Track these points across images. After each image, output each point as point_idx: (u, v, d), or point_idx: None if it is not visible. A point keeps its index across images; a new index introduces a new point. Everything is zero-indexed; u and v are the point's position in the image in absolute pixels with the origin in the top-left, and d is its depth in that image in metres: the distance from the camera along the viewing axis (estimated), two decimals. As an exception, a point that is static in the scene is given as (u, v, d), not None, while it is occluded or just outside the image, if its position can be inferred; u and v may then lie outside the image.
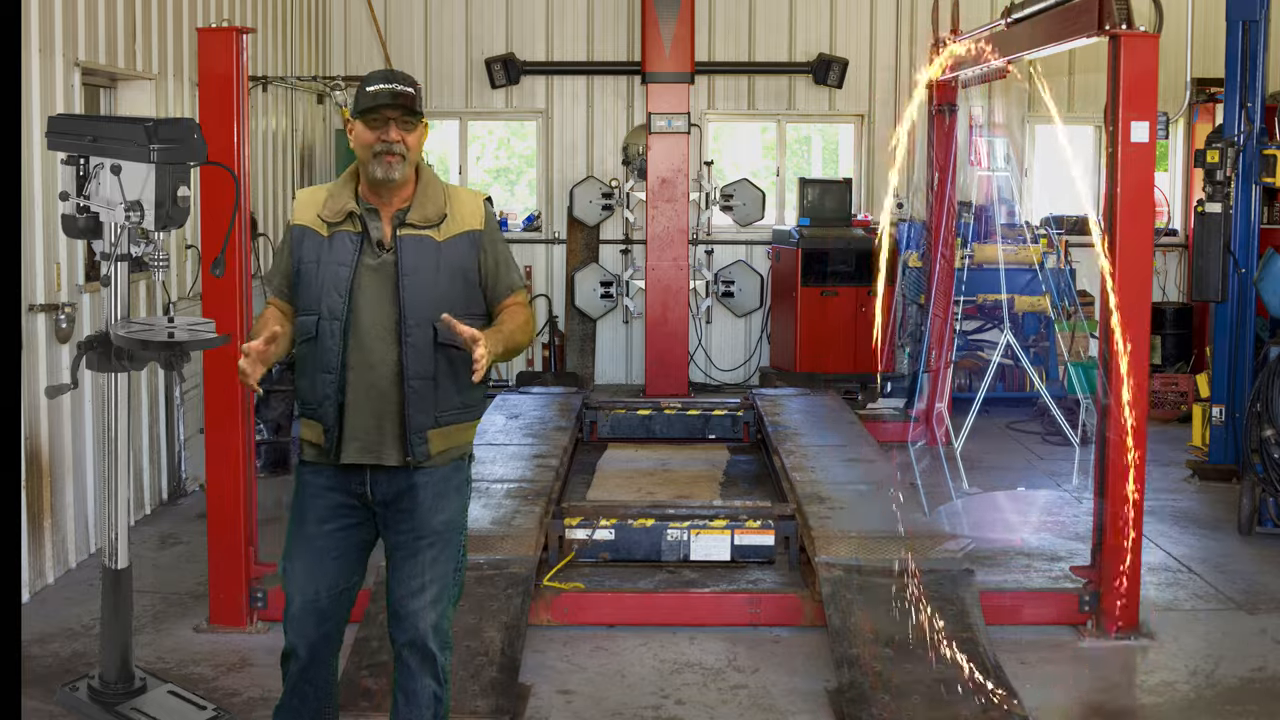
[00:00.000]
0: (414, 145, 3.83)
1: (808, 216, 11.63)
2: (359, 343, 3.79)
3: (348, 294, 3.79)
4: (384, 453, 3.83)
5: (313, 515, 3.91)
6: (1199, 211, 8.60)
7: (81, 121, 4.82)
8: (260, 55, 9.79)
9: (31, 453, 6.17)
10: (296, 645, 3.94)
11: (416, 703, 3.89)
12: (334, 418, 3.81)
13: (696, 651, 5.65)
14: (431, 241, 3.84)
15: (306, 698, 4.02)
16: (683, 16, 10.88)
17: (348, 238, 3.83)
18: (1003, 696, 4.88)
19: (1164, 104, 6.95)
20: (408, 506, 3.88)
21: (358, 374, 3.80)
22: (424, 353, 3.80)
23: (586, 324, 12.09)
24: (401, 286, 3.79)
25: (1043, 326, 10.42)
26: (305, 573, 3.91)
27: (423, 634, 3.86)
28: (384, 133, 3.78)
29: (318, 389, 3.83)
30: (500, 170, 13.51)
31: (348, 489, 3.89)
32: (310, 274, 3.84)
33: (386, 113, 3.78)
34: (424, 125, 3.89)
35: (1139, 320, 5.81)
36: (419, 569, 3.87)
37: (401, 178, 3.82)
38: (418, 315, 3.79)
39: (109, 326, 4.71)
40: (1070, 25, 6.24)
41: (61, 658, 5.51)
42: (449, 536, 3.92)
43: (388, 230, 3.84)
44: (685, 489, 8.10)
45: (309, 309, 3.84)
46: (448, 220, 3.87)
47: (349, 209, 3.84)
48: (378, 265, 3.81)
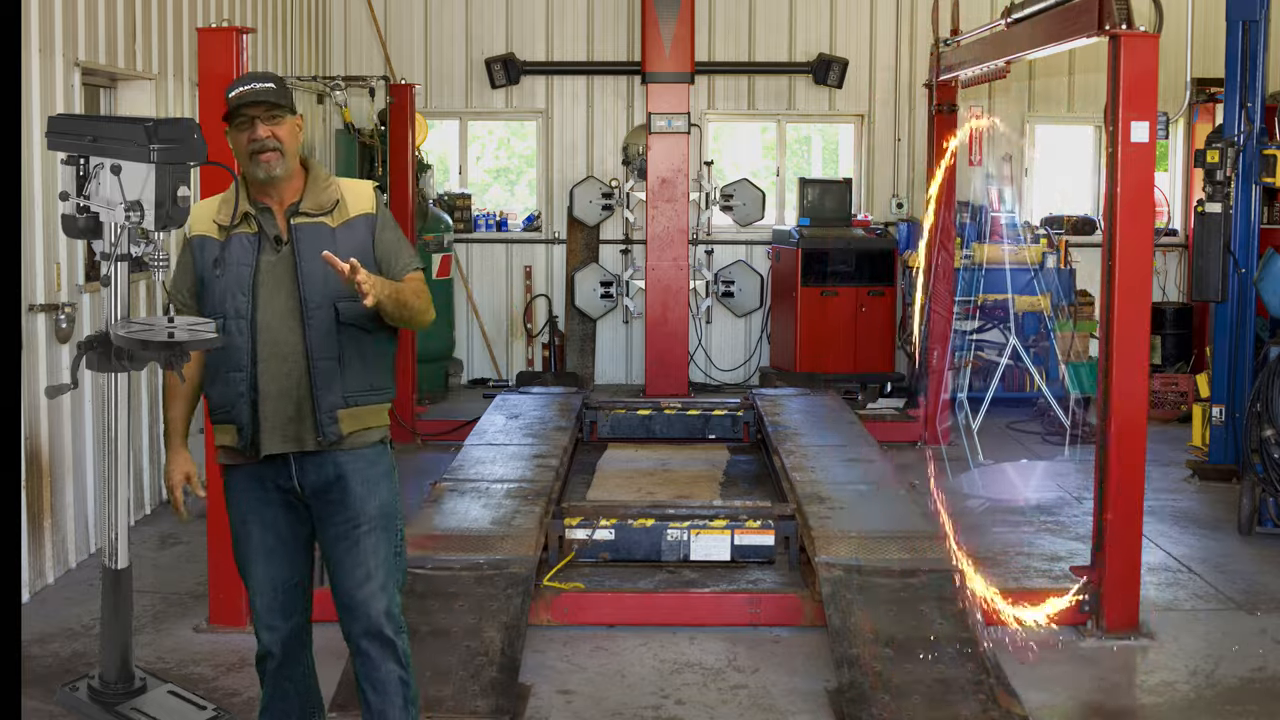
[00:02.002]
0: (286, 138, 3.87)
1: (808, 216, 11.63)
2: (268, 336, 3.85)
3: (251, 291, 3.85)
4: (303, 437, 3.88)
5: (252, 517, 3.97)
6: (1199, 211, 8.60)
7: (81, 121, 4.81)
8: (260, 55, 9.79)
9: (31, 453, 6.17)
10: (270, 645, 4.01)
11: (385, 691, 3.91)
12: (248, 414, 3.86)
13: (696, 651, 5.65)
14: (326, 228, 3.90)
15: (288, 695, 4.08)
16: (683, 16, 10.88)
17: (245, 239, 3.90)
18: (1003, 696, 4.88)
19: (1164, 104, 6.95)
20: (338, 496, 3.92)
21: (270, 365, 3.86)
22: (328, 334, 3.86)
23: (586, 324, 12.10)
24: (300, 271, 3.85)
25: (1043, 326, 10.43)
26: (261, 573, 3.98)
27: (377, 621, 3.89)
28: (252, 132, 3.84)
29: (230, 388, 3.89)
30: (500, 170, 13.51)
31: (276, 484, 3.94)
32: (213, 280, 3.91)
33: (249, 111, 3.84)
34: (296, 116, 3.93)
35: (1139, 320, 5.81)
36: (362, 557, 3.91)
37: (284, 172, 3.88)
38: (318, 298, 3.85)
39: (109, 326, 4.70)
40: (1070, 25, 6.25)
41: (61, 658, 5.51)
42: (386, 522, 3.96)
43: (283, 224, 3.91)
44: (685, 489, 8.10)
45: (215, 312, 3.90)
46: (340, 206, 3.94)
47: (243, 210, 3.91)
48: (277, 259, 3.88)
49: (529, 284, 12.30)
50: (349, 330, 3.88)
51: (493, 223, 12.39)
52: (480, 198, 12.73)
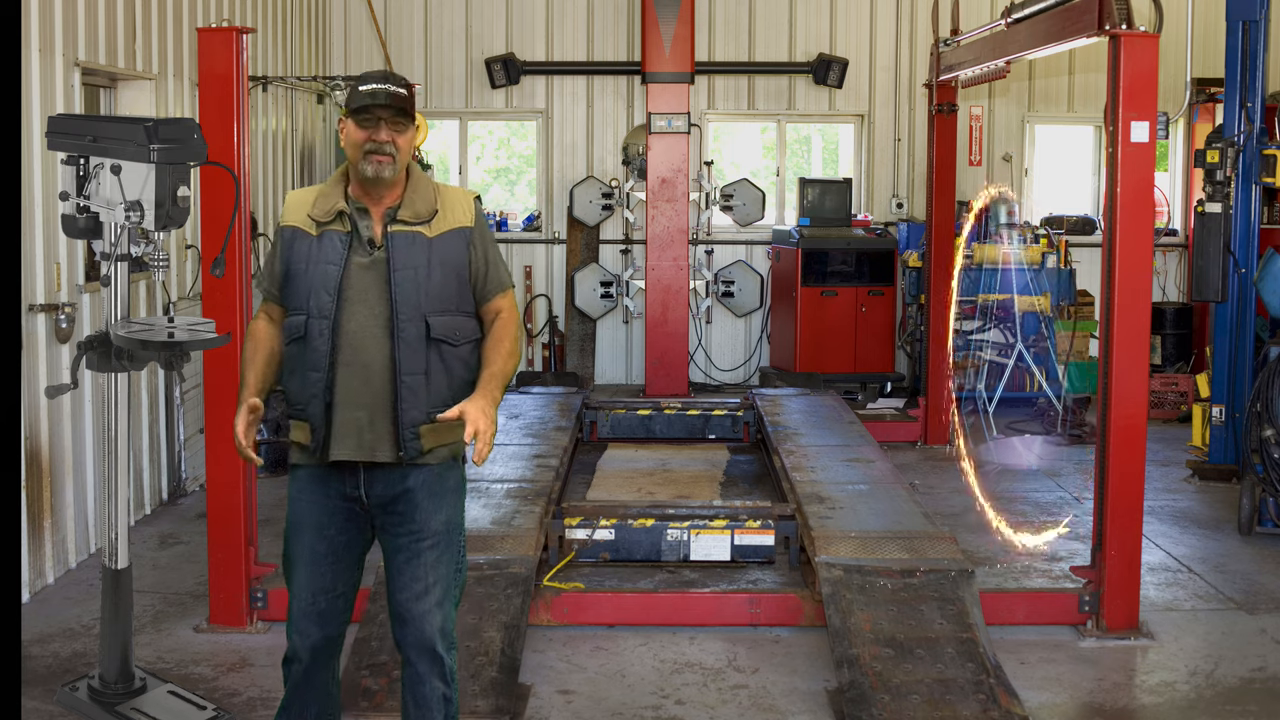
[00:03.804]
0: (404, 146, 3.85)
1: (808, 216, 11.64)
2: (350, 341, 3.80)
3: (336, 292, 3.80)
4: (377, 449, 3.83)
5: (308, 520, 3.92)
6: (1199, 211, 8.60)
7: (81, 121, 4.81)
8: (260, 55, 9.79)
9: (31, 453, 6.17)
10: (299, 648, 3.96)
11: (427, 706, 3.90)
12: (321, 416, 3.81)
13: (696, 651, 5.65)
14: (423, 238, 3.85)
15: (308, 701, 4.03)
16: (683, 16, 10.88)
17: (337, 237, 3.84)
18: (1003, 696, 4.88)
19: (1164, 104, 6.96)
20: (405, 509, 3.88)
21: (349, 371, 3.80)
22: (416, 348, 3.80)
23: (586, 324, 12.09)
24: (393, 282, 3.80)
25: (1042, 326, 10.44)
26: (303, 577, 3.92)
27: (430, 637, 3.87)
28: (375, 132, 3.79)
29: (306, 388, 3.84)
30: (500, 170, 13.51)
31: (341, 492, 3.89)
32: (300, 274, 3.85)
33: (379, 113, 3.79)
34: (415, 128, 3.91)
35: (1139, 320, 5.81)
36: (422, 571, 3.87)
37: (391, 177, 3.83)
38: (410, 311, 3.80)
39: (109, 326, 4.71)
40: (1070, 25, 6.25)
41: (61, 658, 5.51)
42: (450, 537, 3.93)
43: (378, 229, 3.86)
44: (685, 489, 8.10)
45: (298, 308, 3.85)
46: (438, 217, 3.89)
47: (339, 208, 3.86)
48: (369, 263, 3.82)
49: (529, 284, 12.29)
50: (436, 345, 3.82)
51: (493, 223, 12.39)
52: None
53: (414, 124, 3.89)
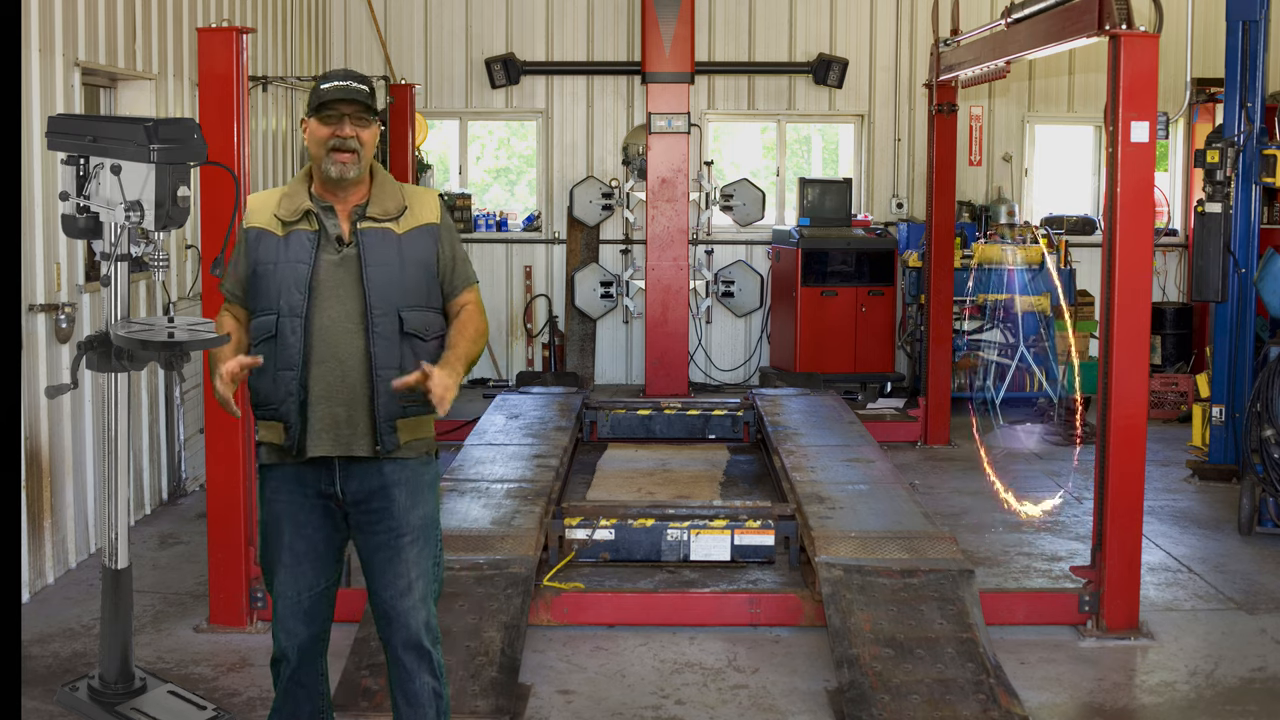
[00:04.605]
0: (367, 142, 3.88)
1: (808, 216, 11.63)
2: (323, 337, 3.82)
3: (308, 289, 3.82)
4: (354, 444, 3.85)
5: (286, 519, 3.93)
6: (1199, 211, 8.60)
7: (81, 121, 4.81)
8: (260, 55, 9.79)
9: (31, 453, 6.17)
10: (286, 649, 3.98)
11: (418, 702, 3.91)
12: (296, 414, 3.83)
13: (696, 651, 5.65)
14: (392, 234, 3.88)
15: (299, 701, 4.06)
16: (683, 16, 10.88)
17: (305, 235, 3.87)
18: (1003, 696, 4.88)
19: (1164, 104, 6.96)
20: (382, 505, 3.90)
21: (324, 368, 3.82)
22: (391, 343, 3.84)
23: (586, 324, 12.09)
24: (366, 278, 3.83)
25: (1042, 326, 10.44)
26: (286, 577, 3.94)
27: (416, 633, 3.89)
28: (339, 128, 3.82)
29: (279, 386, 3.84)
30: (500, 170, 13.51)
31: (317, 489, 3.91)
32: (268, 274, 3.87)
33: (342, 108, 3.83)
34: (378, 125, 3.94)
35: (1139, 320, 5.81)
36: (404, 568, 3.90)
37: (356, 176, 3.86)
38: (384, 305, 3.83)
39: (109, 326, 4.70)
40: (1070, 25, 6.25)
41: (61, 658, 5.51)
42: (428, 532, 3.96)
43: (346, 226, 3.88)
44: (685, 489, 8.10)
45: (267, 309, 3.86)
46: (407, 214, 3.93)
47: (305, 207, 3.88)
48: (340, 260, 3.85)
49: (529, 284, 12.30)
50: (409, 339, 3.86)
51: (493, 223, 12.39)
52: (480, 198, 12.73)
53: (377, 120, 3.92)
